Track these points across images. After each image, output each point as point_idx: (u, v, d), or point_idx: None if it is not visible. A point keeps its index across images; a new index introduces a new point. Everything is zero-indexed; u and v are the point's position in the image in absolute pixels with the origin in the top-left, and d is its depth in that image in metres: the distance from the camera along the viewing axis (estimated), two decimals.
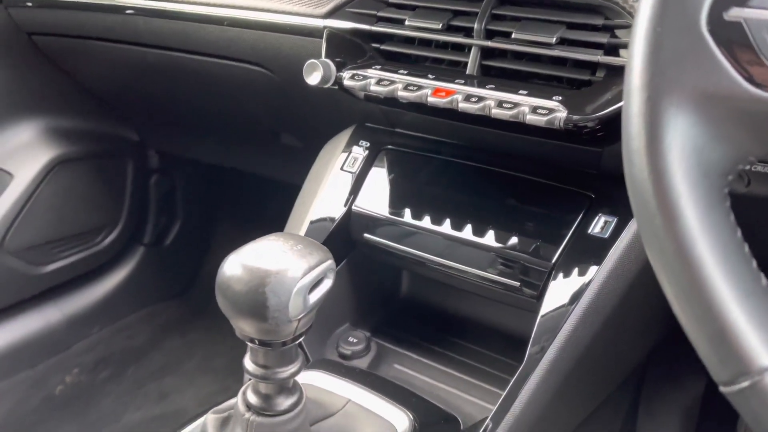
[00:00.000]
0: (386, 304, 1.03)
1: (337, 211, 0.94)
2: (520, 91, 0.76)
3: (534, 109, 0.73)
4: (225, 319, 0.54)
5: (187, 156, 1.61)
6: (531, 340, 0.76)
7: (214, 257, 1.79)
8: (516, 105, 0.74)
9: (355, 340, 0.94)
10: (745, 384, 0.32)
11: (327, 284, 0.56)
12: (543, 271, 0.80)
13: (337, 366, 0.85)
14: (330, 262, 0.56)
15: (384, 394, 0.76)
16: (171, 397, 1.53)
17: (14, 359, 1.41)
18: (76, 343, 1.53)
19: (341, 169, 0.97)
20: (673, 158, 0.35)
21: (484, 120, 0.80)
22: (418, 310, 1.03)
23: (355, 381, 0.78)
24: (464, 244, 0.86)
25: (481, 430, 0.73)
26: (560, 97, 0.74)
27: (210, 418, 0.62)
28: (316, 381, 0.78)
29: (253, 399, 0.57)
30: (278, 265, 0.52)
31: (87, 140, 1.47)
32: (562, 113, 0.72)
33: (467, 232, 0.86)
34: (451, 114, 0.82)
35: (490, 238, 0.84)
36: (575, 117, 0.71)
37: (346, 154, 0.99)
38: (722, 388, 0.34)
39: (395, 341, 0.97)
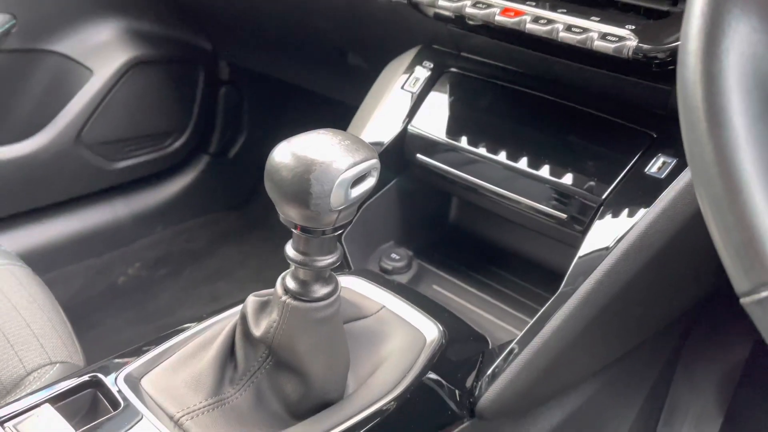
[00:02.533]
0: (432, 227, 1.04)
1: (393, 130, 0.95)
2: (592, 18, 0.74)
3: (603, 36, 0.71)
4: (279, 234, 0.57)
5: (257, 70, 1.64)
6: (566, 277, 0.76)
7: None
8: (585, 30, 0.72)
9: (397, 257, 0.96)
10: (765, 294, 0.32)
11: (370, 182, 0.57)
12: (592, 206, 0.79)
13: (376, 276, 0.87)
14: (375, 161, 0.57)
15: (418, 306, 0.79)
16: (222, 300, 1.61)
17: (83, 246, 1.52)
18: (140, 240, 1.63)
19: (402, 88, 0.97)
20: (729, 63, 0.34)
21: (550, 46, 0.78)
22: (461, 237, 1.04)
23: (391, 291, 0.81)
24: (517, 173, 0.85)
25: (506, 351, 0.74)
26: (633, 26, 0.71)
27: (250, 300, 0.66)
28: (354, 286, 0.80)
29: (291, 284, 0.61)
30: (324, 156, 0.54)
31: (163, 44, 1.52)
32: (632, 42, 0.69)
33: (522, 162, 0.85)
34: (517, 37, 0.80)
35: (544, 169, 0.84)
36: (645, 47, 0.69)
37: (408, 74, 0.99)
38: (742, 300, 0.34)
39: (436, 263, 0.99)
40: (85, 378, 0.61)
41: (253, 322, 0.64)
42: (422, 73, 0.97)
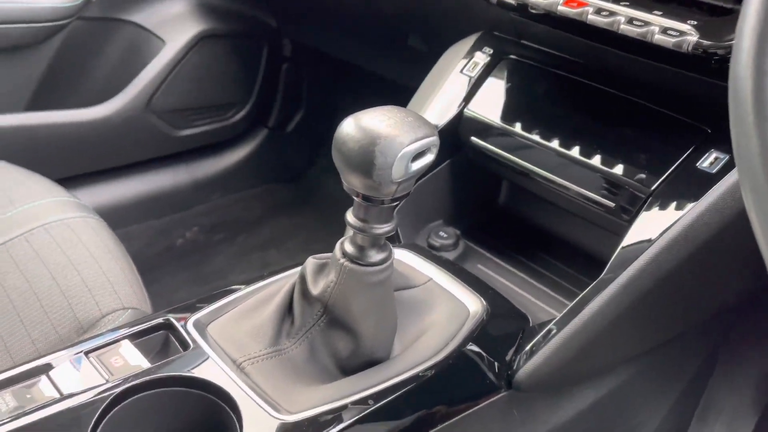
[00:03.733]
0: (480, 209, 1.07)
1: (450, 112, 0.98)
2: (654, 12, 0.75)
3: (664, 30, 0.73)
4: (328, 209, 0.61)
5: (318, 48, 1.69)
6: (608, 265, 0.78)
7: (329, 150, 1.90)
8: (646, 24, 0.74)
9: (445, 235, 1.00)
10: None
11: (429, 158, 0.61)
12: (641, 197, 0.81)
13: (425, 251, 0.91)
14: (435, 138, 0.61)
15: (463, 281, 0.82)
16: (272, 268, 1.68)
17: (145, 208, 1.61)
18: (198, 205, 1.71)
19: (461, 71, 1.00)
20: None
21: (610, 37, 0.80)
22: (508, 220, 1.07)
23: (439, 265, 0.85)
24: (569, 161, 0.88)
25: (546, 329, 0.77)
26: (695, 22, 0.72)
27: (309, 262, 0.71)
28: (404, 258, 0.85)
29: (349, 248, 0.65)
30: (389, 130, 0.58)
31: (231, 19, 1.58)
32: (693, 37, 0.71)
33: (574, 150, 0.88)
34: (579, 28, 0.82)
35: (595, 158, 0.86)
36: (706, 42, 0.70)
37: (467, 59, 1.02)
38: None
39: (481, 244, 1.02)
40: (159, 320, 0.68)
41: (312, 281, 0.69)
42: (482, 58, 1.00)
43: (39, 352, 0.79)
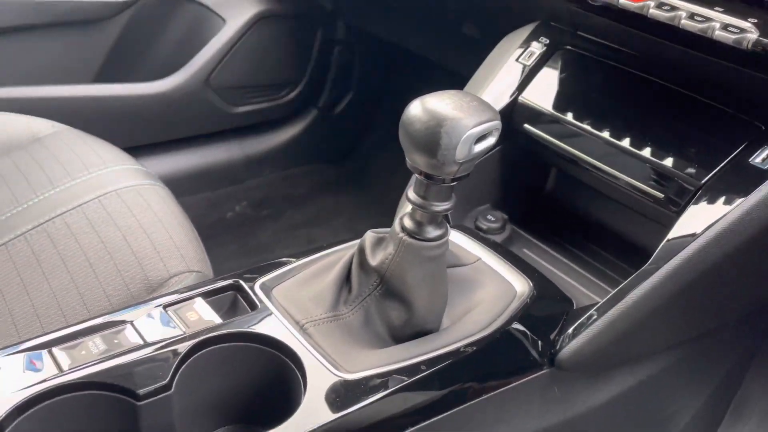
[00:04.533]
0: (528, 195, 1.10)
1: (504, 99, 1.01)
2: (716, 8, 0.77)
3: (725, 27, 0.74)
4: (372, 190, 0.64)
5: (371, 33, 1.72)
6: (654, 254, 0.80)
7: (376, 132, 1.94)
8: (707, 19, 0.76)
9: (493, 219, 1.03)
10: None
11: (491, 141, 0.65)
12: (690, 189, 0.83)
13: (473, 233, 0.95)
14: (498, 122, 0.64)
15: (511, 263, 0.86)
16: (317, 244, 1.74)
17: (199, 180, 1.67)
18: (248, 180, 1.77)
19: (516, 60, 1.03)
20: None
21: (669, 32, 0.81)
22: (555, 207, 1.09)
23: (487, 246, 0.88)
24: (619, 151, 0.90)
25: (590, 312, 0.80)
26: (755, 20, 0.74)
27: (368, 235, 0.75)
28: (454, 238, 0.88)
29: (408, 223, 0.69)
30: (455, 113, 0.62)
31: (288, 1, 1.63)
32: (753, 35, 0.72)
33: (625, 140, 0.90)
34: (638, 21, 0.84)
35: (646, 150, 0.88)
36: (765, 40, 0.71)
37: (523, 48, 1.04)
38: None
39: (528, 229, 1.05)
40: (230, 282, 0.73)
41: (370, 253, 0.73)
42: (537, 47, 1.02)
43: (113, 306, 0.86)
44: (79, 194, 0.99)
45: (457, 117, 0.62)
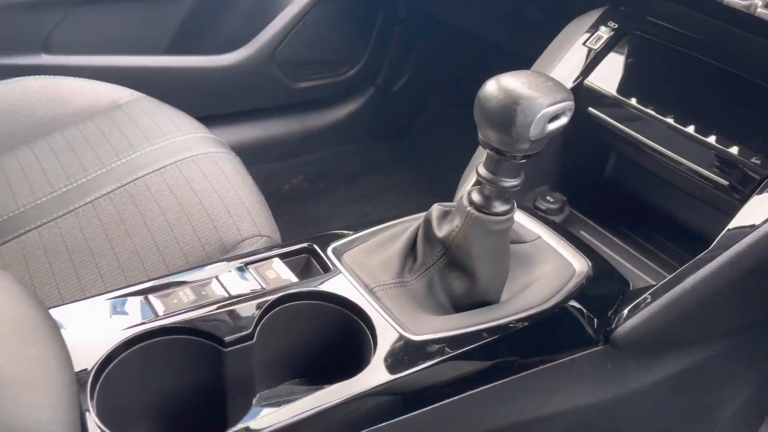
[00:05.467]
0: (587, 178, 1.12)
1: (569, 82, 1.02)
2: None
3: None
4: (424, 169, 0.66)
5: (431, 13, 1.74)
6: (715, 241, 0.81)
7: (430, 112, 1.96)
8: None
9: (552, 200, 1.05)
10: None
11: (563, 121, 0.67)
12: (755, 178, 0.84)
13: (533, 212, 0.97)
14: (571, 103, 0.66)
15: (570, 242, 0.88)
16: (367, 219, 1.78)
17: (260, 152, 1.73)
18: (305, 155, 1.82)
19: (583, 44, 1.04)
20: None
21: (743, 19, 0.81)
22: (613, 190, 1.11)
23: (547, 225, 0.91)
24: (683, 136, 0.91)
25: (648, 293, 0.82)
26: None
27: (435, 208, 0.78)
28: (515, 216, 0.91)
29: (476, 197, 0.72)
30: (531, 92, 0.64)
31: None
32: None
33: (690, 126, 0.91)
34: (712, 8, 0.84)
35: (711, 137, 0.89)
36: None
37: (591, 32, 1.05)
38: None
39: (586, 212, 1.07)
40: (304, 245, 0.78)
41: (436, 225, 0.77)
42: (605, 32, 1.03)
43: (189, 264, 0.92)
44: (158, 159, 1.05)
45: (533, 96, 0.64)
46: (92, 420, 0.53)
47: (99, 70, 1.35)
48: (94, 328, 0.61)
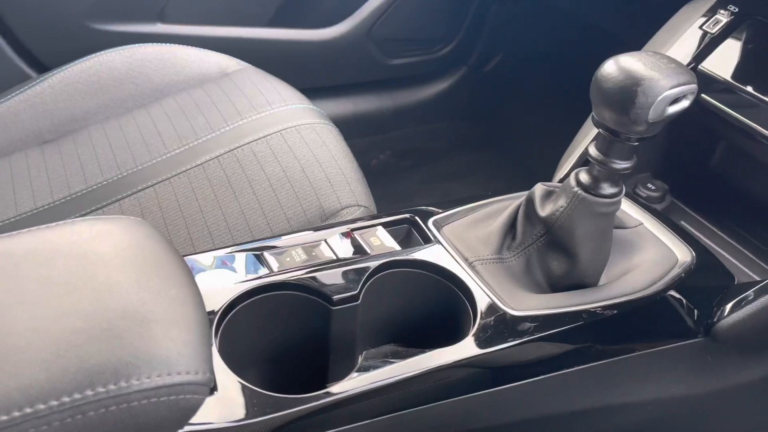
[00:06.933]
0: (691, 167, 1.08)
1: None
2: None
3: None
4: (509, 152, 0.65)
5: None
6: None
7: (521, 95, 1.93)
8: None
9: (653, 187, 1.03)
10: None
11: (684, 104, 0.66)
12: None
13: (634, 198, 0.96)
14: (694, 86, 0.65)
15: (673, 231, 0.86)
16: (452, 197, 1.79)
17: (353, 126, 1.75)
18: (394, 131, 1.84)
19: (700, 27, 1.00)
20: None
21: None
22: (718, 181, 1.07)
23: (650, 213, 0.89)
24: None
25: (757, 287, 0.80)
26: None
27: (538, 187, 0.79)
28: None
29: (584, 178, 0.72)
30: (653, 73, 0.63)
31: None
32: None
33: None
34: None
35: None
36: None
37: (707, 17, 1.01)
38: None
39: (688, 202, 1.04)
40: (406, 216, 0.80)
41: (539, 204, 0.77)
42: (724, 15, 0.99)
43: (292, 228, 0.96)
44: (263, 127, 1.10)
45: (655, 77, 0.63)
46: (217, 357, 0.58)
47: (207, 40, 1.41)
48: (218, 278, 0.66)
